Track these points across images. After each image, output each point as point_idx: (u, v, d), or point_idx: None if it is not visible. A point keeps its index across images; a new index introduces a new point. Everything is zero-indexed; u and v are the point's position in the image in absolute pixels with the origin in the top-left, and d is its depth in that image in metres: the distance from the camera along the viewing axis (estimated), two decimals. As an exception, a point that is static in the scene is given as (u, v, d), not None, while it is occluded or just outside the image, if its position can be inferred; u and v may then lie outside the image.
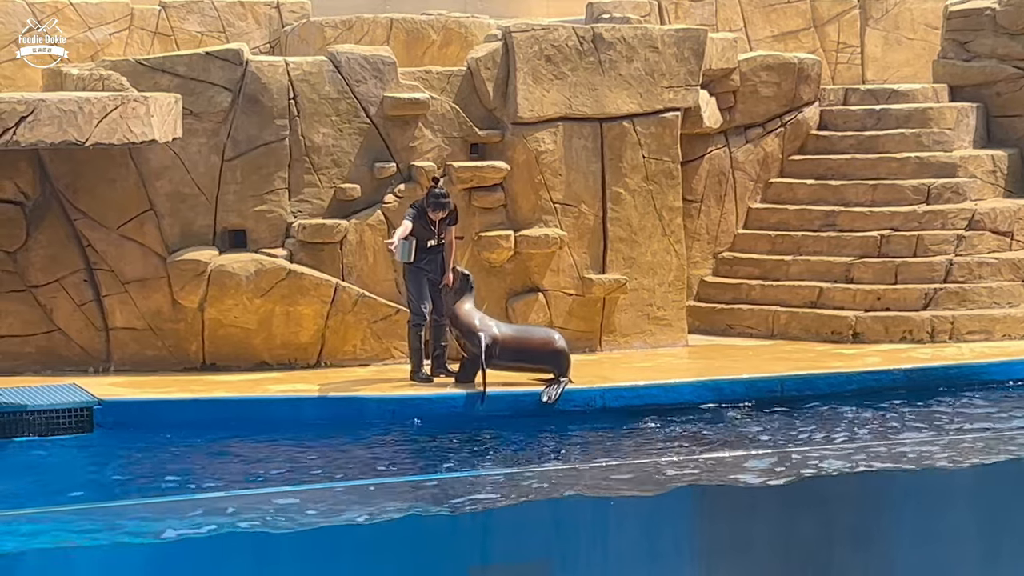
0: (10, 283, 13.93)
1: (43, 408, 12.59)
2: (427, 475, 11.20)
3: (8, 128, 12.74)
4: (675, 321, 15.26)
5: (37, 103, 12.93)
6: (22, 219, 13.97)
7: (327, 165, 14.33)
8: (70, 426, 12.56)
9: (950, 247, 15.58)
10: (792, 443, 11.97)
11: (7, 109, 12.79)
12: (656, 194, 15.16)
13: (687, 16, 17.50)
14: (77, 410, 12.64)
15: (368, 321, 14.30)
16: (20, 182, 13.94)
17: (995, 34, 16.90)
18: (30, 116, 12.81)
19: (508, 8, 17.47)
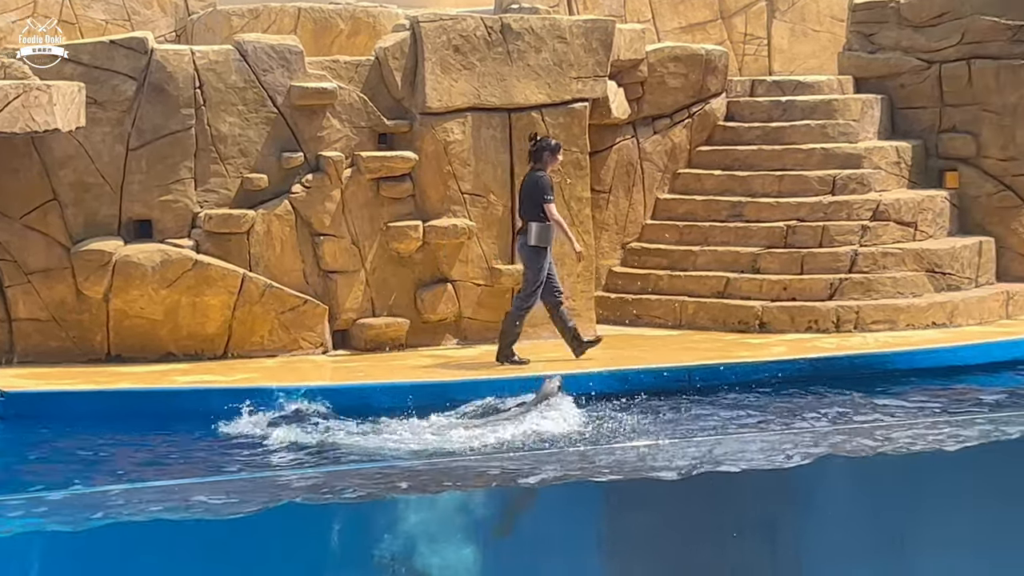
0: (-90, 274, 13.72)
1: (-56, 400, 12.41)
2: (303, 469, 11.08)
3: (-93, 116, 12.53)
4: (584, 311, 15.25)
5: (-63, 91, 12.71)
6: (-78, 209, 13.76)
7: (234, 155, 14.19)
8: (-29, 418, 12.38)
9: (855, 237, 15.67)
10: (701, 433, 11.98)
11: (-94, 97, 12.58)
12: (564, 185, 15.13)
13: (595, 7, 17.51)
14: (-22, 402, 12.46)
15: (276, 312, 14.18)
16: (-80, 171, 13.72)
17: (899, 26, 16.99)
18: (-71, 104, 12.61)
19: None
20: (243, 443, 11.87)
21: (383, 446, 11.34)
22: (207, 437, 12.08)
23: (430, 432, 11.65)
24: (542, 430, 11.59)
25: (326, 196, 14.40)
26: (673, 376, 13.51)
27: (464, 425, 11.83)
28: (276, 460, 11.17)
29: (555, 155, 14.07)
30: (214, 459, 11.48)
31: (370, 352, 14.41)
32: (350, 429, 11.76)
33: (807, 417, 12.36)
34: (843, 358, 14.07)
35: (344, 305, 14.50)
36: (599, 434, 11.60)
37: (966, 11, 16.65)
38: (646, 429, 11.83)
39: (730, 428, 12.09)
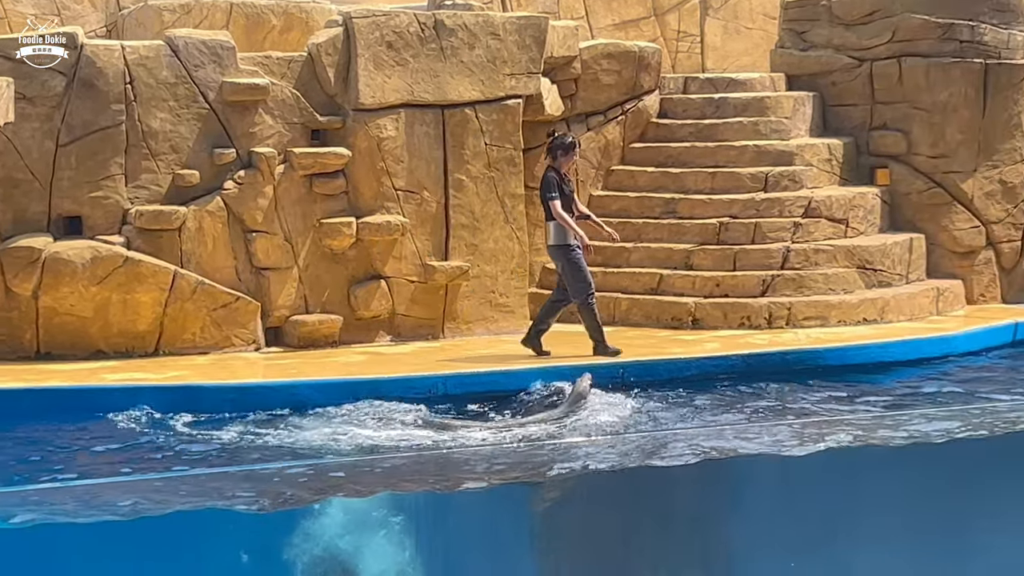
0: None
1: None
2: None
3: None
4: (517, 308, 15.26)
5: None
6: None
7: (165, 151, 14.10)
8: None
9: (787, 234, 15.72)
10: (633, 429, 12.00)
11: None
12: (498, 181, 15.14)
13: (529, 3, 17.50)
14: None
15: (207, 309, 14.10)
16: None
17: (831, 24, 17.07)
18: None
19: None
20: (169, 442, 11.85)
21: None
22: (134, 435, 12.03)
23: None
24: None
25: (258, 193, 14.33)
26: (607, 373, 13.54)
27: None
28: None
29: (568, 153, 13.93)
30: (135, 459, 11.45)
31: (303, 349, 14.34)
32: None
33: (740, 412, 12.44)
34: (775, 354, 14.13)
35: (277, 302, 14.44)
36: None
37: (896, 9, 16.73)
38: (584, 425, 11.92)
39: (662, 424, 12.14)
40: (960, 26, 16.57)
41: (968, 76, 16.55)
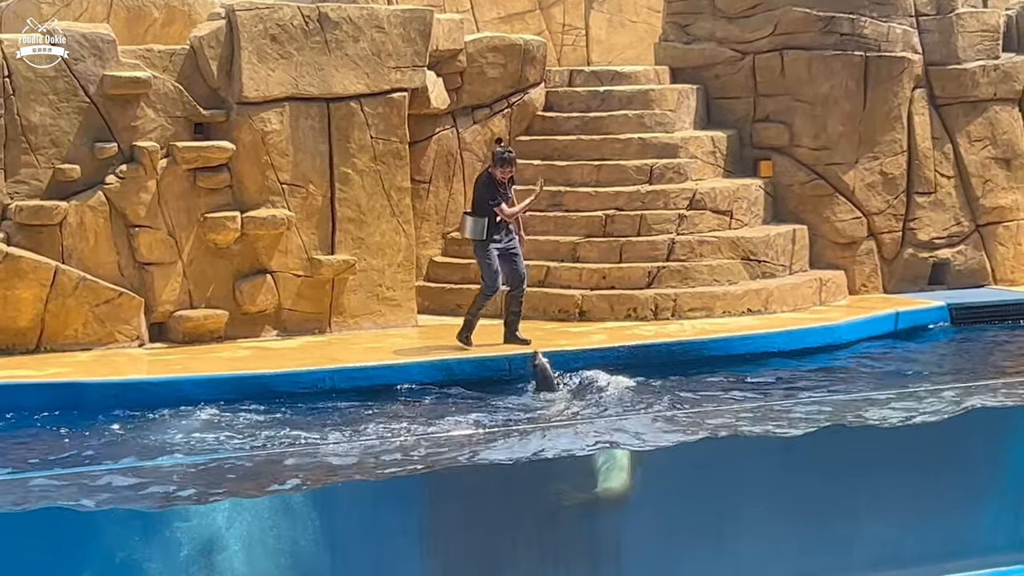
0: None
1: None
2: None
3: None
4: (404, 301, 15.19)
5: None
6: None
7: (45, 145, 13.89)
8: None
9: (672, 226, 15.76)
10: (518, 422, 12.01)
11: None
12: (384, 174, 15.05)
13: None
14: None
15: (90, 305, 13.90)
16: None
17: (714, 17, 17.13)
18: None
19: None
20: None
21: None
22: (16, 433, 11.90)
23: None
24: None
25: (141, 187, 14.15)
26: (493, 366, 13.54)
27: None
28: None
29: (502, 165, 14.00)
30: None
31: (188, 344, 14.19)
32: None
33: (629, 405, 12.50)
34: (661, 345, 14.21)
35: (161, 297, 14.27)
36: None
37: (778, 3, 16.81)
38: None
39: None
40: (841, 19, 16.70)
41: (849, 69, 16.68)
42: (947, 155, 17.10)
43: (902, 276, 16.85)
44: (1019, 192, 17.39)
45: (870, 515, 9.58)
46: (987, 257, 17.21)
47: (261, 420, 12.17)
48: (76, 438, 11.79)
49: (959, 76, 17.07)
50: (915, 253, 16.91)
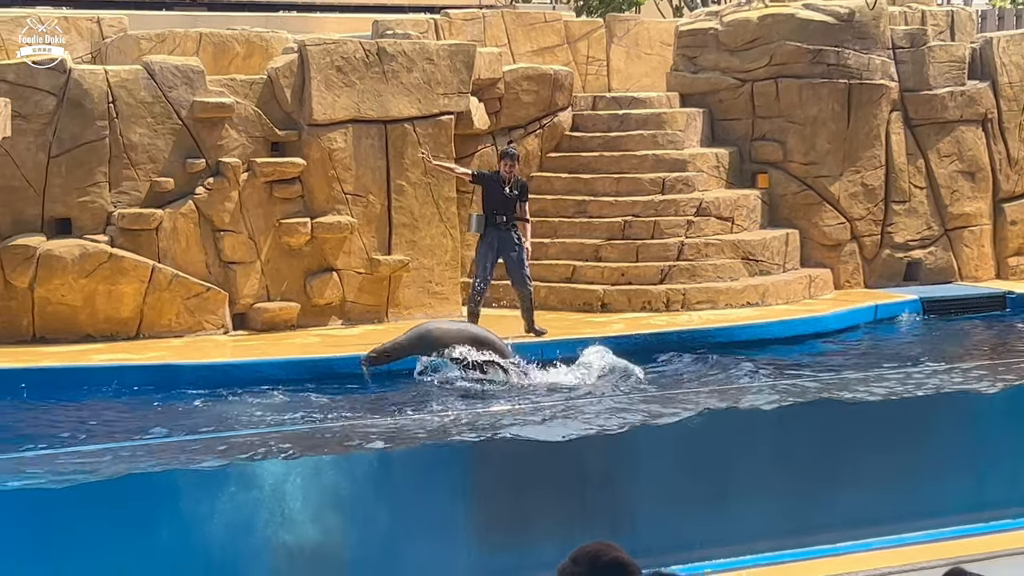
0: None
1: None
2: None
3: None
4: (451, 295, 15.31)
5: None
6: None
7: (144, 161, 14.04)
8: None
9: (681, 230, 15.87)
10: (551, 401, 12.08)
11: None
12: (433, 186, 15.17)
13: (459, 33, 17.52)
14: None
15: (182, 298, 14.06)
16: None
17: (718, 50, 17.22)
18: None
19: (304, 25, 17.30)
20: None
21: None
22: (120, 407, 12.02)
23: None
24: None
25: (226, 197, 14.29)
26: (528, 350, 13.61)
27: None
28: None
29: (501, 159, 14.14)
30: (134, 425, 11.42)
31: (266, 332, 14.32)
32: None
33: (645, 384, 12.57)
34: (672, 333, 14.26)
35: (242, 291, 14.41)
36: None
37: (774, 38, 16.91)
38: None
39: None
40: (828, 52, 16.78)
41: (835, 94, 16.76)
42: (920, 169, 17.18)
43: (880, 273, 16.94)
44: (982, 201, 17.45)
45: (851, 478, 9.69)
46: (954, 257, 17.27)
47: (328, 397, 12.28)
48: (171, 412, 11.90)
49: (930, 101, 17.15)
50: (892, 254, 16.99)
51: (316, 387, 12.54)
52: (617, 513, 9.42)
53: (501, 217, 13.91)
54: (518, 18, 18.41)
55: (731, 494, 9.51)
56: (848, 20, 16.88)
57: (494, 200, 13.95)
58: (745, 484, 9.54)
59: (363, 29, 16.64)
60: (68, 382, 12.57)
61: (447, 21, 17.71)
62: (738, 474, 9.58)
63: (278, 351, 13.49)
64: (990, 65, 17.55)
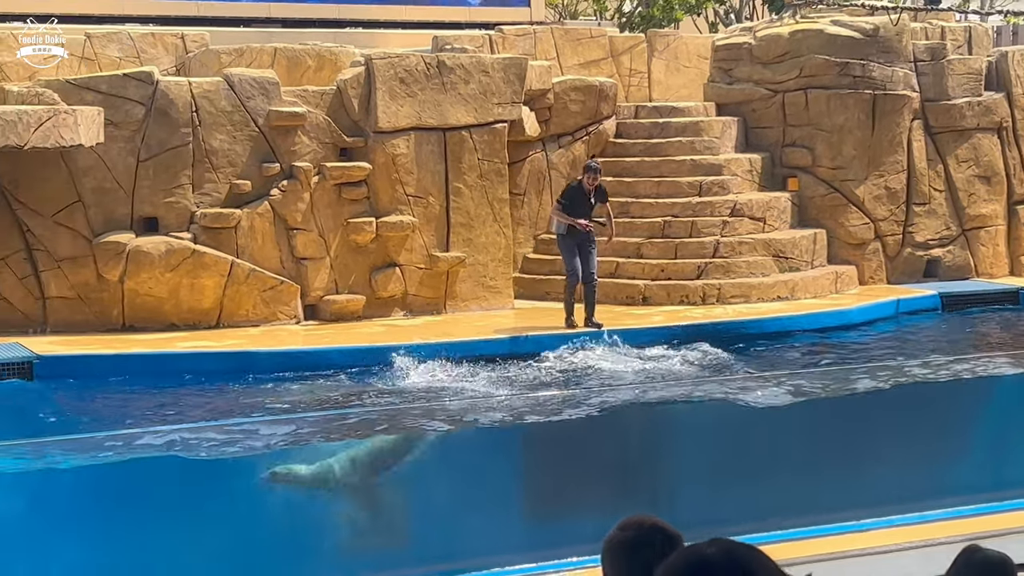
0: (-38, 261, 13.52)
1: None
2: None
3: (-42, 134, 12.32)
4: (504, 289, 15.27)
5: (-17, 114, 12.51)
6: (-28, 209, 13.54)
7: (224, 165, 14.07)
8: (14, 376, 12.20)
9: (717, 230, 15.76)
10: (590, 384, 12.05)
11: (-43, 119, 12.36)
12: (488, 189, 15.13)
13: (512, 47, 17.44)
14: (20, 363, 12.29)
15: (258, 290, 14.08)
16: (-31, 179, 13.50)
17: (751, 63, 17.08)
18: (-23, 124, 12.39)
19: (370, 40, 17.25)
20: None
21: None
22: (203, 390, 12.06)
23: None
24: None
25: (298, 198, 14.30)
26: (573, 340, 13.56)
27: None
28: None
29: (584, 172, 13.94)
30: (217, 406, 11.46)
31: (334, 322, 14.33)
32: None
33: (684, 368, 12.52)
34: (708, 325, 14.18)
35: (313, 285, 14.43)
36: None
37: (803, 51, 16.76)
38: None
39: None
40: (854, 64, 16.61)
41: (860, 104, 16.59)
42: (939, 173, 16.98)
43: (902, 270, 16.76)
44: (997, 203, 17.23)
45: (874, 458, 9.58)
46: (971, 255, 17.07)
47: (392, 383, 12.29)
48: (252, 393, 11.94)
49: (949, 110, 16.94)
50: (912, 252, 16.81)
51: (381, 372, 12.53)
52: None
53: (584, 217, 13.76)
54: (566, 34, 18.31)
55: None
56: (873, 35, 16.70)
57: (578, 209, 13.71)
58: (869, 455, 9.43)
59: (424, 44, 16.58)
60: (154, 368, 12.63)
61: (501, 36, 17.63)
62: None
63: (346, 339, 13.48)
64: (1005, 77, 17.33)
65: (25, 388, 12.08)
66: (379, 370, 12.62)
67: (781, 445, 9.61)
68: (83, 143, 12.97)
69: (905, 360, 12.30)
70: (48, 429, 11.05)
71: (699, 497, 9.13)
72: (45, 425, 11.21)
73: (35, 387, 12.14)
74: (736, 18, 25.34)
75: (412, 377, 12.31)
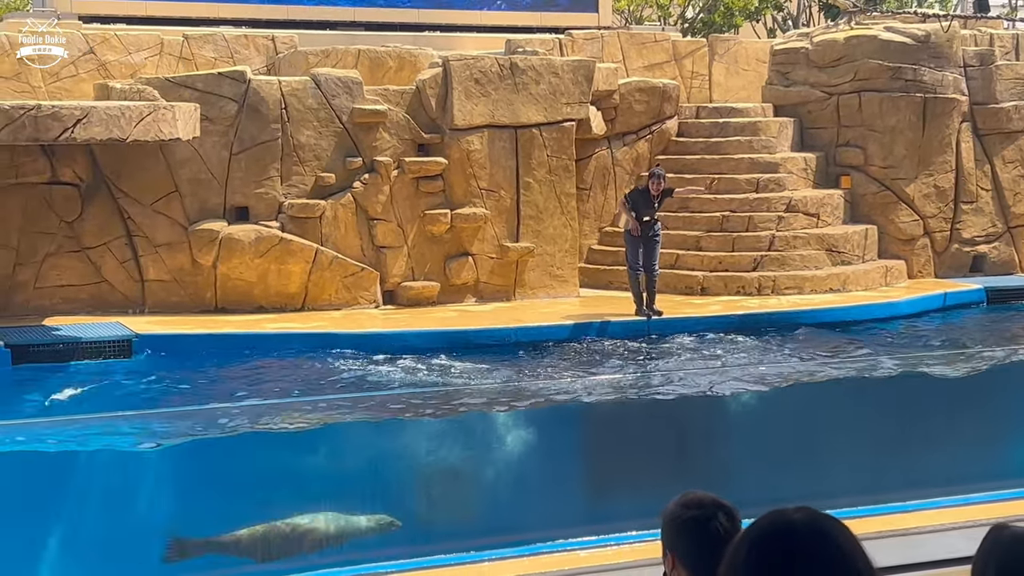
0: (69, 245, 13.79)
1: (94, 340, 12.51)
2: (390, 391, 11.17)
3: (67, 128, 12.58)
4: (570, 278, 15.34)
5: (90, 109, 12.76)
6: (78, 197, 13.82)
7: (310, 159, 14.26)
8: (114, 353, 12.47)
9: (773, 224, 15.75)
10: (657, 368, 12.10)
11: (67, 114, 12.62)
12: (556, 183, 15.20)
13: (580, 50, 17.51)
14: (120, 341, 12.56)
15: (340, 276, 14.26)
16: (77, 169, 13.78)
17: (808, 67, 17.05)
18: (84, 119, 12.63)
19: (447, 43, 17.41)
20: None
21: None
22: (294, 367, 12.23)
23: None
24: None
25: (379, 190, 14.46)
26: (635, 327, 13.66)
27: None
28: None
29: (650, 179, 13.93)
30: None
31: (411, 307, 14.47)
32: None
33: (740, 357, 12.52)
34: (763, 314, 14.20)
35: (391, 272, 14.58)
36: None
37: (858, 56, 16.71)
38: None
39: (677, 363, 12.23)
40: (905, 69, 16.54)
41: (911, 107, 16.52)
42: (986, 173, 16.87)
43: (949, 265, 16.68)
44: (1043, 202, 17.09)
45: (924, 442, 9.57)
46: (1015, 252, 16.95)
47: (466, 364, 12.39)
48: (335, 371, 12.09)
49: (997, 113, 16.82)
50: (960, 248, 16.72)
51: (451, 354, 12.64)
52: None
53: (647, 219, 13.80)
54: (632, 38, 18.35)
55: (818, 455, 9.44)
56: (924, 41, 16.61)
57: (642, 211, 13.74)
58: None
59: (498, 47, 16.70)
60: (244, 346, 12.83)
61: (570, 40, 17.71)
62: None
63: (422, 323, 13.63)
64: (1052, 82, 17.17)
65: (124, 364, 12.30)
66: (452, 353, 12.71)
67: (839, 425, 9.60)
68: (180, 137, 13.21)
69: (953, 350, 12.24)
70: (144, 402, 11.26)
71: (756, 477, 9.17)
72: (141, 398, 11.42)
73: (133, 364, 12.36)
74: (793, 24, 25.23)
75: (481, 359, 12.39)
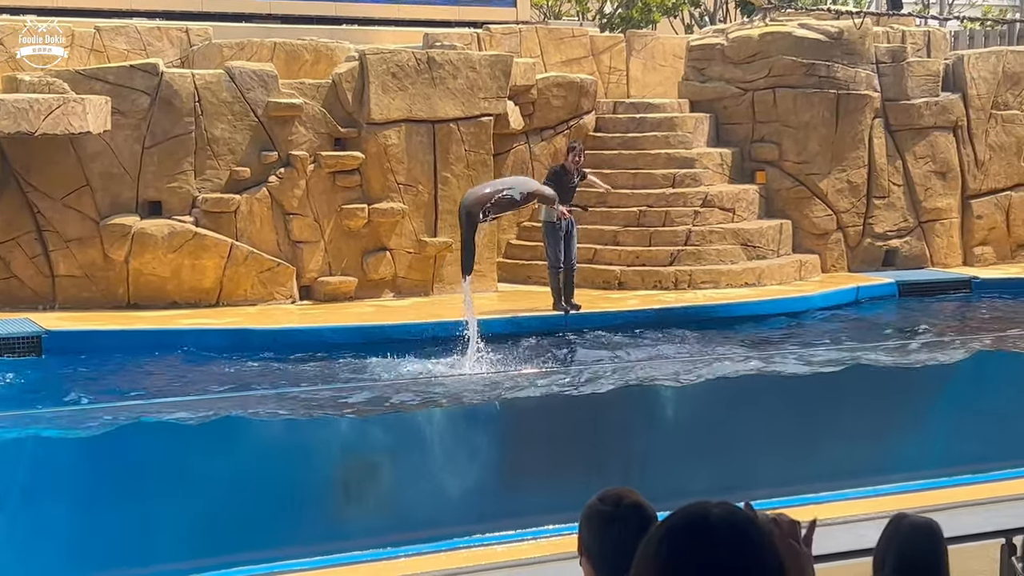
0: (-24, 241, 13.41)
1: (3, 336, 12.14)
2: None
3: (-27, 120, 12.20)
4: (488, 273, 15.21)
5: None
6: (-15, 191, 13.43)
7: (224, 153, 13.99)
8: (23, 350, 12.12)
9: (689, 219, 15.73)
10: (573, 364, 12.01)
11: (-28, 106, 12.24)
12: (475, 179, 15.02)
13: (499, 45, 17.35)
14: (29, 338, 12.21)
15: (256, 272, 14.02)
16: (-17, 163, 13.38)
17: (723, 63, 17.05)
18: (-10, 111, 12.28)
19: (364, 36, 17.14)
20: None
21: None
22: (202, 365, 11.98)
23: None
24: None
25: (295, 185, 14.23)
26: (552, 321, 13.57)
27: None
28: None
29: (569, 152, 13.88)
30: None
31: (327, 303, 14.28)
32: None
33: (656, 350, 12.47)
34: (679, 308, 14.17)
35: (308, 267, 14.37)
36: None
37: (772, 53, 16.73)
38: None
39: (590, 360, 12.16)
40: (819, 65, 16.59)
41: (825, 103, 16.57)
42: (898, 168, 16.98)
43: (862, 259, 16.76)
44: (952, 198, 17.24)
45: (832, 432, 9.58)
46: (927, 246, 17.08)
47: (383, 359, 12.21)
48: (246, 368, 11.87)
49: (908, 109, 16.93)
50: (872, 242, 16.81)
51: (373, 351, 12.46)
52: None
53: (567, 204, 13.66)
54: (550, 33, 18.24)
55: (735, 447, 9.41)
56: (837, 38, 16.67)
57: (564, 191, 13.58)
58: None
59: (415, 40, 16.49)
60: (157, 343, 12.55)
61: (488, 35, 17.55)
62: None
63: (339, 319, 13.43)
64: (961, 79, 17.31)
65: (33, 362, 11.98)
66: (370, 348, 12.52)
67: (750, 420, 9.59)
68: (91, 130, 12.87)
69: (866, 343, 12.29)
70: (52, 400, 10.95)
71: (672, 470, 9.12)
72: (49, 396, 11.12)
73: (42, 361, 12.04)
74: (710, 20, 25.29)
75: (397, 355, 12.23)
